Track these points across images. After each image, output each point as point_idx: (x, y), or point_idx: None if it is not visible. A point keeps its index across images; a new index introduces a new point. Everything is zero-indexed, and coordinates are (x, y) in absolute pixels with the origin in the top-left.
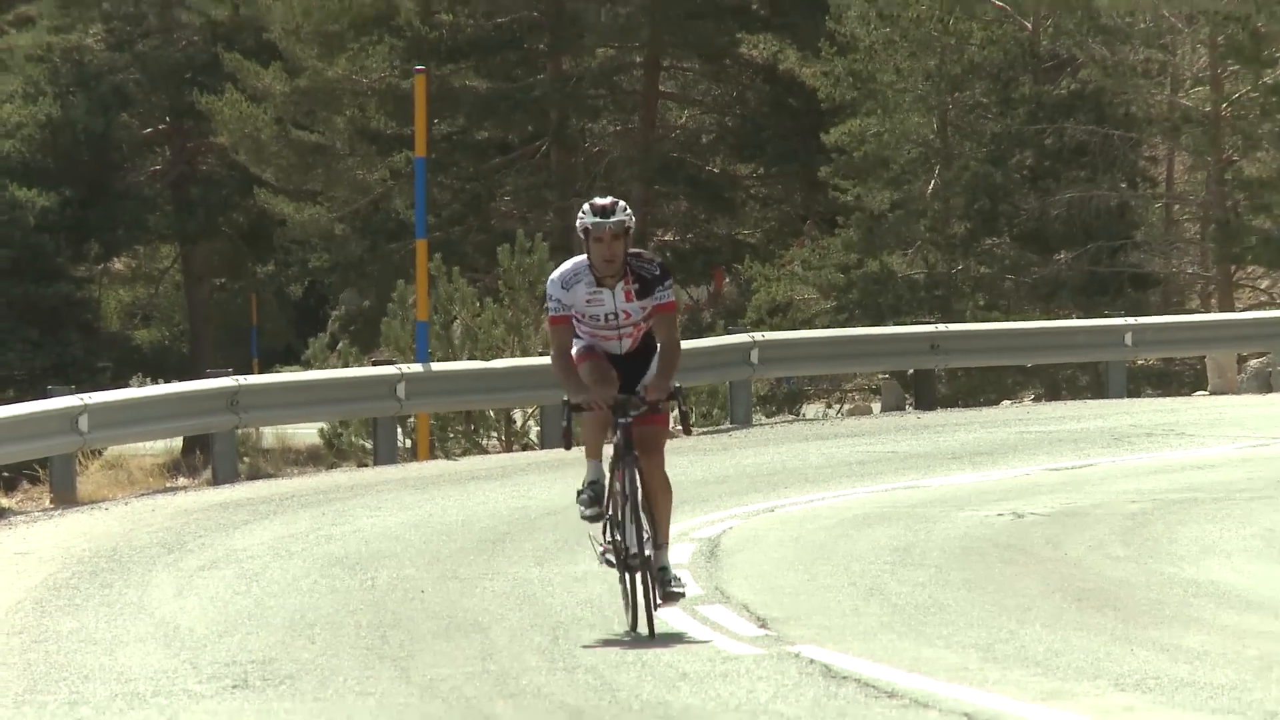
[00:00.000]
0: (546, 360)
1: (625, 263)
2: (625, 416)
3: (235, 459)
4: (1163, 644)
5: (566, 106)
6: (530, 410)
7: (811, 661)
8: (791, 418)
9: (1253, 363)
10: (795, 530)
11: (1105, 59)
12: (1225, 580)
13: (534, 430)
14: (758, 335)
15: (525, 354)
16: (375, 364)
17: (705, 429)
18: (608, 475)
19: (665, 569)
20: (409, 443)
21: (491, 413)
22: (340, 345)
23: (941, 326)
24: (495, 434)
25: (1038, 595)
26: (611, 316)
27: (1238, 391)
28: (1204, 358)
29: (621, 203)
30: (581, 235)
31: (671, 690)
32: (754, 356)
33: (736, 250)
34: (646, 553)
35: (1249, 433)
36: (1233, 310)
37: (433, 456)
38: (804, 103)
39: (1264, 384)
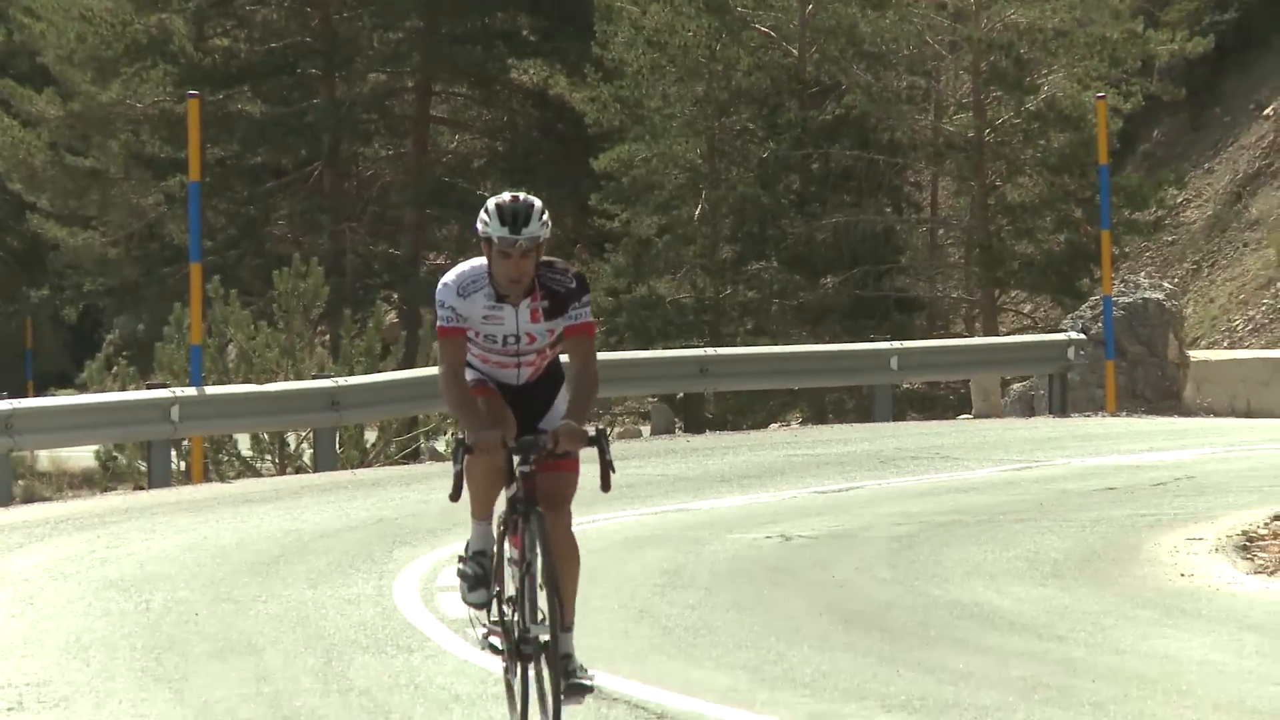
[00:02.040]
0: (322, 383)
1: (535, 277)
2: (527, 463)
3: (10, 481)
4: (929, 665)
5: (339, 131)
6: (303, 434)
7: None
8: None
9: (1016, 386)
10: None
11: (870, 85)
12: (990, 602)
13: (307, 453)
14: None
15: (299, 377)
16: (150, 387)
17: None
18: (496, 542)
19: (570, 656)
20: (184, 465)
21: (265, 436)
22: (116, 369)
23: (710, 350)
24: (270, 457)
25: (805, 617)
26: (511, 339)
27: (1002, 415)
28: (968, 381)
29: (537, 205)
30: (483, 244)
31: (444, 712)
32: None
33: None
34: (544, 638)
35: (1013, 456)
36: (996, 334)
37: (207, 479)
38: (573, 128)
39: (1027, 407)
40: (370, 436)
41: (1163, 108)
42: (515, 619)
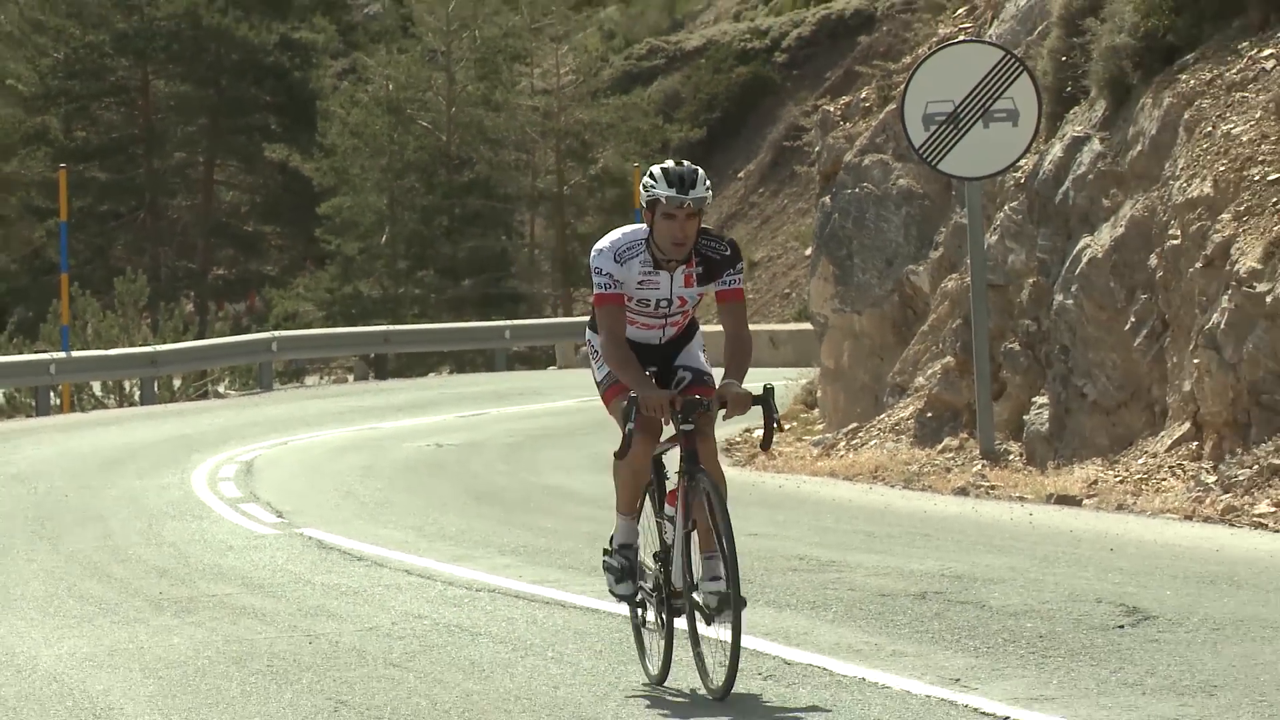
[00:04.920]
0: (146, 349)
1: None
2: (689, 422)
3: None
4: (529, 525)
5: (155, 190)
6: (134, 381)
7: (311, 538)
8: (298, 385)
9: (583, 348)
10: (300, 456)
11: (490, 159)
12: (568, 485)
13: (137, 394)
14: (277, 333)
15: (131, 345)
16: (36, 352)
17: (244, 391)
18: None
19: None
20: (58, 401)
21: (110, 382)
22: (15, 340)
23: (392, 327)
24: (113, 396)
25: (451, 496)
26: (664, 303)
27: (576, 366)
28: (554, 345)
29: (701, 171)
30: (646, 208)
31: (223, 556)
32: (274, 346)
33: (263, 280)
34: (698, 591)
35: (582, 394)
36: (571, 316)
37: (73, 410)
38: (304, 187)
39: (588, 360)
40: (177, 383)
41: None
42: (663, 573)
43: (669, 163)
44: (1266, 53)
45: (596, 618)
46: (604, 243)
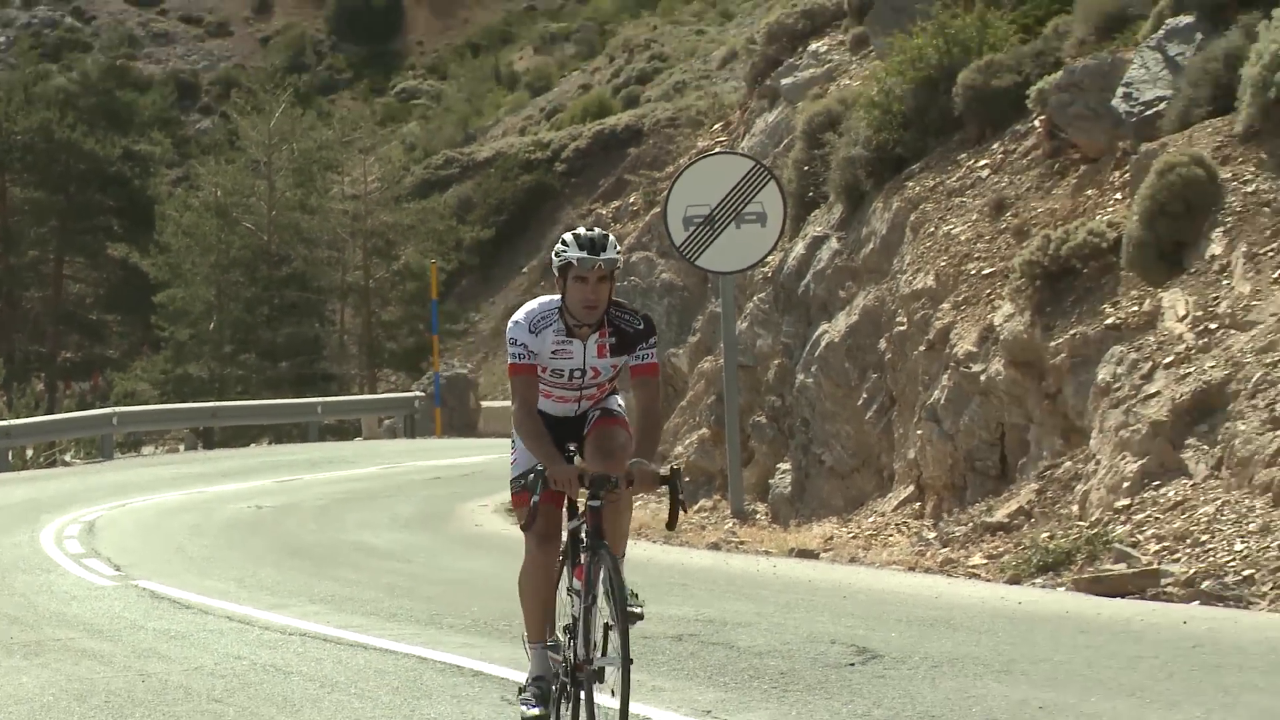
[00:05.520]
0: (1, 423)
1: (605, 311)
2: (598, 499)
3: None
4: (336, 577)
5: (11, 284)
6: None
7: (145, 589)
8: (135, 454)
9: (386, 421)
10: (137, 516)
11: (306, 255)
12: (371, 542)
13: None
14: (117, 409)
15: None
16: None
17: (89, 459)
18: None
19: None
20: None
21: None
22: None
23: (218, 403)
24: None
25: (268, 551)
26: (578, 373)
27: (379, 438)
28: (360, 419)
29: (611, 236)
30: (557, 274)
31: (67, 605)
32: (115, 420)
33: (106, 362)
34: (611, 669)
35: (384, 462)
36: (376, 393)
37: None
38: (143, 280)
39: (391, 433)
40: (29, 452)
41: (466, 268)
42: (571, 647)
43: (580, 229)
44: (982, 163)
45: (395, 658)
46: (519, 314)
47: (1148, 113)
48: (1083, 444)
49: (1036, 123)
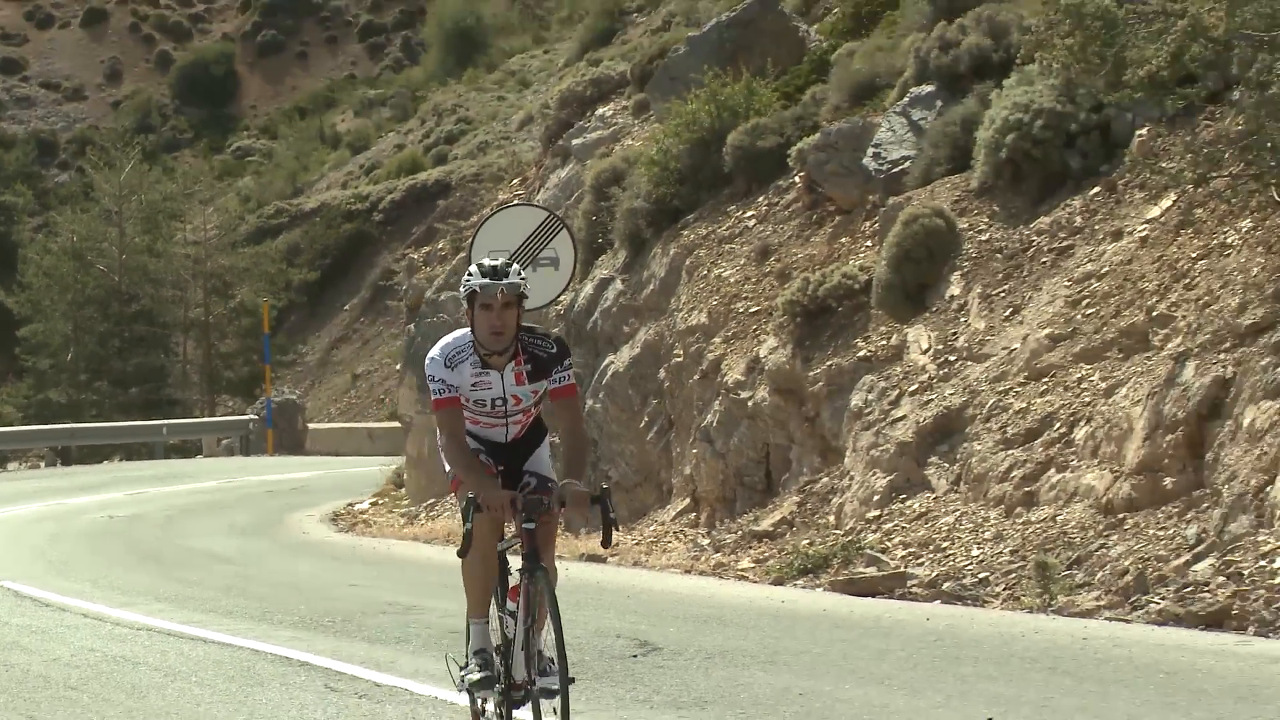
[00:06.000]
0: None
1: (516, 338)
2: (532, 521)
3: None
4: (181, 579)
5: None
6: None
7: (9, 589)
8: (1, 470)
9: (225, 441)
10: (1, 525)
11: (154, 294)
12: (212, 547)
13: None
14: None
15: None
16: None
17: None
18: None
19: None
20: None
21: None
22: None
23: (75, 425)
24: None
25: (120, 555)
26: (499, 402)
27: (218, 456)
28: (201, 439)
29: (515, 265)
30: (465, 303)
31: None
32: None
33: None
34: (554, 686)
35: (223, 477)
36: (215, 416)
37: None
38: (7, 315)
39: (228, 451)
40: None
41: (295, 306)
42: (503, 666)
43: (485, 259)
44: (749, 214)
45: (231, 650)
46: (434, 351)
47: (894, 170)
48: (838, 462)
49: (797, 179)
